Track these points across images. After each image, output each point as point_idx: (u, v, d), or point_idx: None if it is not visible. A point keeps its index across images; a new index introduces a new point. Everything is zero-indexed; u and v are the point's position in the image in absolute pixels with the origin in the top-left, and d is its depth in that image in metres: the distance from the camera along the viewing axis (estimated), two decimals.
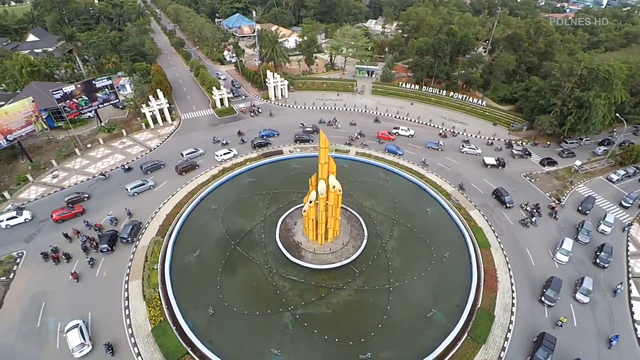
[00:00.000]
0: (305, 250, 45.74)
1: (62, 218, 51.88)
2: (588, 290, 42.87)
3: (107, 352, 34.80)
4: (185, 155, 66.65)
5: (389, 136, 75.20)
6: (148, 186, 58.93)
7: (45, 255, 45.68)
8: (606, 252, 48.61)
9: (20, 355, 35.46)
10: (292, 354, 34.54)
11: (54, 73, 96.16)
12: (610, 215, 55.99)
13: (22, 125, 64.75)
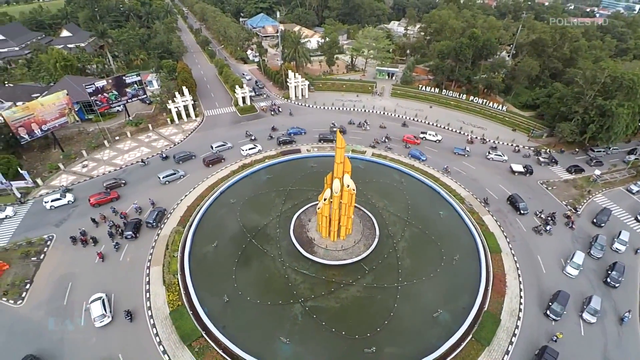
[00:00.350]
0: (317, 246, 47.41)
1: (98, 202, 56.10)
2: (596, 310, 41.51)
3: (126, 317, 38.67)
4: (214, 148, 69.91)
5: (415, 140, 75.55)
6: (179, 176, 62.62)
7: (74, 239, 49.01)
8: (618, 271, 46.79)
9: (47, 329, 38.47)
10: (300, 344, 36.28)
11: (86, 68, 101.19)
12: (625, 233, 53.65)
13: (55, 117, 68.95)
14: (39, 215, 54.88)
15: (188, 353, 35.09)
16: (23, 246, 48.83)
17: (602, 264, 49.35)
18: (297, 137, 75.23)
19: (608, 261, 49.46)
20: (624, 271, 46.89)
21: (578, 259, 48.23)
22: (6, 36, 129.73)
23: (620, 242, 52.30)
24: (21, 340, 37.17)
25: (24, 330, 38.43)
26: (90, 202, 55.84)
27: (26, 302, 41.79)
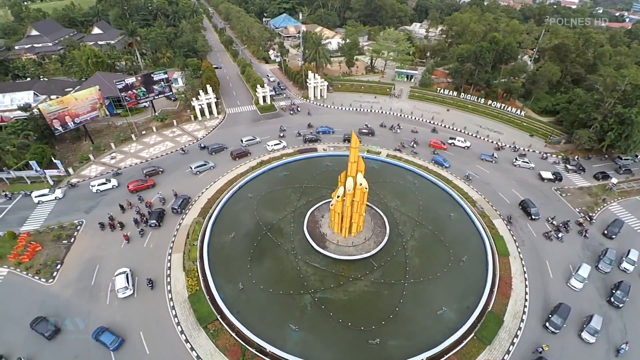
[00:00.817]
0: (329, 241, 49.51)
1: (136, 189, 60.64)
2: (596, 330, 40.28)
3: (147, 285, 43.27)
4: (244, 142, 73.40)
5: (442, 145, 76.09)
6: (208, 167, 66.63)
7: (102, 225, 52.65)
8: (623, 291, 45.20)
9: (75, 307, 41.97)
10: (308, 331, 38.47)
11: (115, 64, 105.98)
12: (635, 252, 51.39)
13: (87, 111, 73.30)
14: (70, 201, 58.97)
15: (204, 334, 37.86)
16: (55, 230, 52.76)
17: (609, 279, 48.33)
18: (323, 135, 77.82)
19: (615, 278, 48.21)
20: (629, 291, 45.30)
21: (583, 272, 47.52)
22: (41, 32, 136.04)
23: (629, 261, 50.38)
24: (51, 315, 40.65)
25: (54, 306, 42.03)
26: (129, 188, 60.38)
27: (57, 280, 45.54)
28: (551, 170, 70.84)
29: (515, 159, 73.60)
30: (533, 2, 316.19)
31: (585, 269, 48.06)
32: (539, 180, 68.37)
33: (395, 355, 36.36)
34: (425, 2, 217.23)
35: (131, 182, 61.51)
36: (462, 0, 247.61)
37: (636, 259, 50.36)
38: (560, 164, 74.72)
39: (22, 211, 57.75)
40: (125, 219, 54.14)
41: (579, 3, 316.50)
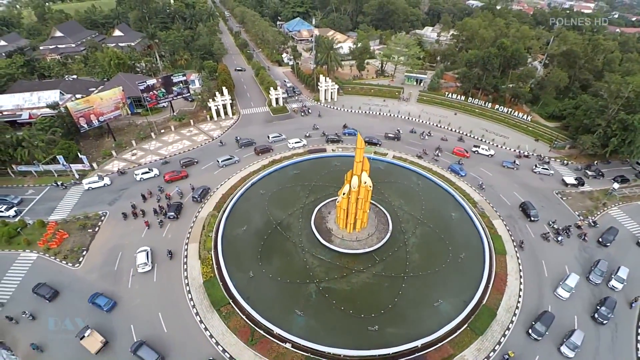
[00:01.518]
0: (334, 236, 52.70)
1: (172, 179, 66.32)
2: (575, 345, 40.24)
3: (167, 255, 49.32)
4: (271, 138, 78.47)
5: (464, 153, 77.31)
6: (234, 161, 71.76)
7: (125, 215, 56.98)
8: (608, 307, 44.58)
9: (99, 289, 45.69)
10: (312, 317, 41.74)
11: (136, 66, 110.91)
12: (624, 270, 50.22)
13: (111, 110, 77.89)
14: (94, 194, 63.41)
15: (217, 316, 41.46)
16: (81, 219, 57.09)
17: (599, 290, 48.37)
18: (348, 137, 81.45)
19: (604, 291, 48.17)
20: (614, 307, 44.83)
21: (571, 282, 47.86)
22: (64, 33, 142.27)
23: (617, 279, 49.22)
24: (77, 296, 44.87)
25: (79, 288, 46.16)
26: (165, 178, 66.08)
27: (82, 265, 49.79)
28: (571, 174, 73.17)
29: (535, 165, 74.83)
30: (547, 6, 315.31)
31: (573, 278, 48.40)
32: (562, 185, 70.19)
33: (392, 341, 39.23)
34: (437, 6, 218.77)
35: (167, 172, 67.04)
36: (475, 5, 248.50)
37: (625, 276, 49.31)
38: (582, 169, 75.99)
39: (49, 202, 62.43)
40: (146, 207, 59.13)
41: (595, 7, 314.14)
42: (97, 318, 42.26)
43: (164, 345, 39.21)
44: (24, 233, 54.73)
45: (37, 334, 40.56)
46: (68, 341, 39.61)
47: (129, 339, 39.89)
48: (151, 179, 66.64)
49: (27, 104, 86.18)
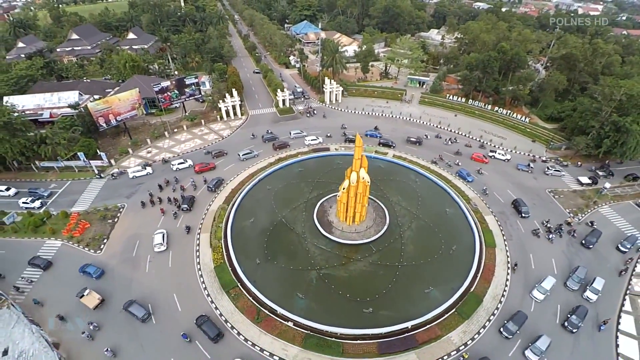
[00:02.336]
0: (335, 228, 56.80)
1: (201, 170, 72.32)
2: (541, 350, 41.06)
3: (184, 229, 56.22)
4: (292, 134, 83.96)
5: (483, 159, 78.72)
6: (253, 154, 77.15)
7: (143, 203, 62.46)
8: (579, 316, 44.90)
9: (119, 274, 50.75)
10: (313, 300, 45.91)
11: (149, 68, 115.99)
12: (600, 281, 50.38)
13: (128, 110, 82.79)
14: (112, 189, 68.30)
15: (226, 297, 45.87)
16: (101, 211, 61.93)
17: (574, 297, 49.22)
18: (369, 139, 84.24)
19: (578, 300, 48.77)
20: (585, 316, 45.25)
21: (547, 285, 49.14)
22: (80, 36, 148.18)
23: (592, 290, 49.27)
24: (97, 280, 49.49)
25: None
26: (195, 169, 72.36)
27: (103, 252, 54.57)
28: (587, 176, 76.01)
29: (547, 168, 77.40)
30: (555, 7, 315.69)
31: (549, 281, 49.71)
32: (579, 185, 73.37)
33: (385, 322, 43.11)
34: (443, 9, 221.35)
35: (197, 164, 73.28)
36: (480, 7, 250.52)
37: (601, 287, 49.39)
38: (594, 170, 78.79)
39: (71, 195, 67.52)
40: (163, 195, 64.90)
41: (603, 9, 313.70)
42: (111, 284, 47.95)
43: (177, 319, 43.92)
44: (49, 223, 59.69)
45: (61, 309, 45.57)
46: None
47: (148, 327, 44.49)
48: (185, 169, 73.19)
49: (47, 104, 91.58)
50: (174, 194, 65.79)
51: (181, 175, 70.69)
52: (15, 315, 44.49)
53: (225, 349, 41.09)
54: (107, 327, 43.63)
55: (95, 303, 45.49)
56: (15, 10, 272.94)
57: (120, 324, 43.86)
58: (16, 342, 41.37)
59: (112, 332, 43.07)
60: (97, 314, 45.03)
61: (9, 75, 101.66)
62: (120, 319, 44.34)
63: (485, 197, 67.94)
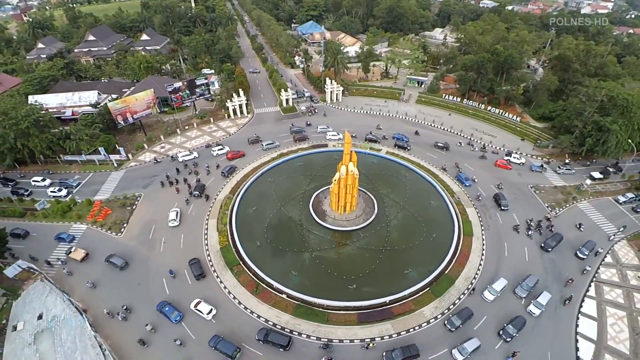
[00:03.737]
0: (328, 216, 63.48)
1: (233, 157, 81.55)
2: (467, 351, 43.21)
3: (201, 195, 67.25)
4: (319, 129, 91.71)
5: (507, 165, 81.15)
6: (275, 145, 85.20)
7: (162, 183, 72.28)
8: (515, 327, 46.32)
9: (137, 253, 58.17)
10: (305, 277, 52.87)
11: (162, 68, 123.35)
12: (546, 296, 50.87)
13: (143, 109, 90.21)
14: (130, 180, 75.85)
15: (229, 273, 53.18)
16: (121, 199, 69.49)
17: (520, 306, 50.76)
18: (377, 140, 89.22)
19: (520, 310, 49.90)
20: (521, 328, 46.50)
21: (498, 286, 51.39)
22: (97, 37, 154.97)
23: (536, 304, 49.77)
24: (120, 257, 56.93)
25: (122, 251, 58.34)
26: (228, 156, 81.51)
27: (124, 235, 62.12)
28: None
29: (559, 167, 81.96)
30: (565, 5, 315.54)
31: (501, 283, 52.06)
32: (590, 180, 77.54)
33: (367, 297, 49.62)
34: (448, 8, 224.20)
35: (230, 152, 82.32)
36: (486, 6, 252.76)
37: (545, 303, 49.82)
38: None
39: (93, 185, 75.42)
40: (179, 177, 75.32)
41: (613, 7, 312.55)
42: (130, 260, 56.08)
43: (187, 292, 51.24)
44: (75, 209, 67.45)
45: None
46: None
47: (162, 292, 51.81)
48: (223, 154, 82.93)
49: (69, 103, 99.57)
50: (190, 176, 75.30)
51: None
52: (47, 287, 52.01)
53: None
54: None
55: (82, 256, 56.79)
56: (32, 10, 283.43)
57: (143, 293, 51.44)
58: (49, 309, 48.70)
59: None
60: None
61: (32, 76, 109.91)
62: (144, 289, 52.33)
63: (463, 185, 74.21)
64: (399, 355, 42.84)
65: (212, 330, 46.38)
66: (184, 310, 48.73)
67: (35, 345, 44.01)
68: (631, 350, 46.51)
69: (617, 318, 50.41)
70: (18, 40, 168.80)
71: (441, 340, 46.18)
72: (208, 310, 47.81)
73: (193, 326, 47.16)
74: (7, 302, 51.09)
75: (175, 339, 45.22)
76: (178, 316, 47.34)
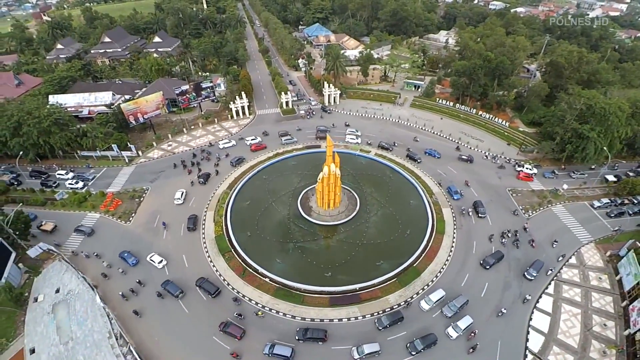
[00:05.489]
0: (313, 212, 70.26)
1: (256, 149, 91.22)
2: (364, 352, 46.52)
3: (205, 182, 76.61)
4: (348, 130, 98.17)
5: (530, 177, 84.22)
6: (293, 140, 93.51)
7: (175, 165, 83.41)
8: (424, 342, 47.82)
9: (142, 239, 65.90)
10: (288, 264, 59.90)
11: (172, 70, 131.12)
12: (467, 320, 51.18)
13: (153, 109, 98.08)
14: (139, 175, 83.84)
15: (222, 259, 60.69)
16: (130, 192, 77.45)
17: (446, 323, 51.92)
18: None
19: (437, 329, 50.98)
20: (431, 345, 48.11)
21: (434, 297, 53.81)
22: (112, 39, 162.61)
23: (455, 327, 50.16)
24: (128, 243, 64.87)
25: (130, 238, 66.31)
26: (251, 148, 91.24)
27: (132, 223, 70.02)
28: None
29: (573, 172, 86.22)
30: (577, 7, 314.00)
31: (438, 294, 54.42)
32: (603, 183, 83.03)
33: (340, 283, 56.19)
34: (453, 10, 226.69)
35: (254, 144, 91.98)
36: (494, 8, 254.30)
37: (464, 327, 50.17)
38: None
39: (106, 179, 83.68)
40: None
41: (627, 9, 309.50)
42: (136, 245, 62.92)
43: (185, 274, 58.68)
44: (89, 200, 75.61)
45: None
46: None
47: (162, 274, 59.48)
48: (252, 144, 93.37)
49: (86, 102, 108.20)
50: (202, 161, 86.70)
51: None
52: (64, 266, 60.07)
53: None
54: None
55: (51, 227, 67.94)
56: (50, 9, 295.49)
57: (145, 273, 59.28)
58: (65, 284, 56.75)
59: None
60: None
61: (52, 76, 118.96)
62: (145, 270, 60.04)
63: (441, 186, 79.76)
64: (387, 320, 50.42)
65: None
66: (184, 287, 56.56)
67: (53, 314, 52.23)
68: (580, 344, 50.38)
69: (572, 315, 54.34)
70: (38, 41, 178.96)
71: (362, 336, 50.01)
72: (159, 260, 60.26)
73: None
74: (29, 278, 59.38)
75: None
76: (177, 289, 55.48)
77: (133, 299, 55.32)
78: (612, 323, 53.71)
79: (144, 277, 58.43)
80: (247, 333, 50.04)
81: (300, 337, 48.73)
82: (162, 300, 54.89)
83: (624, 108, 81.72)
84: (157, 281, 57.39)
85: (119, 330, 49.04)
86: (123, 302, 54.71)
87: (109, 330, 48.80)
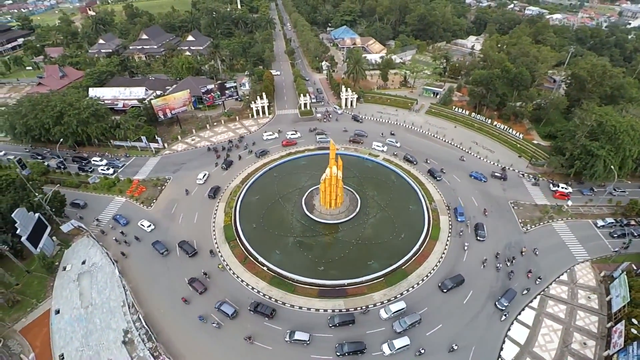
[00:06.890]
0: (315, 210, 75.29)
1: (287, 144, 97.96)
2: (294, 339, 51.31)
3: (227, 168, 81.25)
4: (388, 139, 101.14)
5: (567, 196, 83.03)
6: (327, 139, 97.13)
7: (209, 148, 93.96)
8: (350, 347, 49.94)
9: (160, 223, 73.43)
10: (286, 257, 65.23)
11: (202, 69, 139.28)
12: (404, 340, 51.38)
13: (180, 106, 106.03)
14: (162, 165, 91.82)
15: (227, 246, 67.19)
16: (154, 180, 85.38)
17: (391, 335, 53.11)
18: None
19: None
20: (357, 352, 49.90)
21: (394, 307, 55.48)
22: (149, 36, 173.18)
23: (390, 345, 50.66)
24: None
25: (149, 220, 73.72)
26: (282, 143, 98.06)
27: (153, 208, 77.93)
28: None
29: (603, 184, 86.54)
30: (619, 15, 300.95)
31: (399, 305, 55.96)
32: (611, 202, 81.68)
33: (331, 277, 61.02)
34: (485, 16, 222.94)
35: (284, 140, 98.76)
36: (527, 14, 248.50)
37: (398, 346, 50.41)
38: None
39: (134, 167, 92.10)
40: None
41: None
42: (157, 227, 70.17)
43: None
44: (117, 185, 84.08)
45: None
46: None
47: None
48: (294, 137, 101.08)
49: (121, 96, 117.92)
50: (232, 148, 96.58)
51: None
52: (91, 241, 68.53)
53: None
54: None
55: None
56: (95, 4, 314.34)
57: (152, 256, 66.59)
58: (91, 257, 65.20)
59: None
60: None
61: (93, 70, 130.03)
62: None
63: (443, 193, 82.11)
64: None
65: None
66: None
67: (77, 282, 60.86)
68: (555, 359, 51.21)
69: (552, 330, 55.14)
70: (82, 35, 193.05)
71: (312, 326, 54.19)
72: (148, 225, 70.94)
73: None
74: (60, 250, 68.33)
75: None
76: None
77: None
78: (592, 343, 53.94)
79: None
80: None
81: (251, 309, 55.32)
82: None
83: (637, 127, 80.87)
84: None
85: (132, 300, 56.76)
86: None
87: (123, 299, 56.64)
